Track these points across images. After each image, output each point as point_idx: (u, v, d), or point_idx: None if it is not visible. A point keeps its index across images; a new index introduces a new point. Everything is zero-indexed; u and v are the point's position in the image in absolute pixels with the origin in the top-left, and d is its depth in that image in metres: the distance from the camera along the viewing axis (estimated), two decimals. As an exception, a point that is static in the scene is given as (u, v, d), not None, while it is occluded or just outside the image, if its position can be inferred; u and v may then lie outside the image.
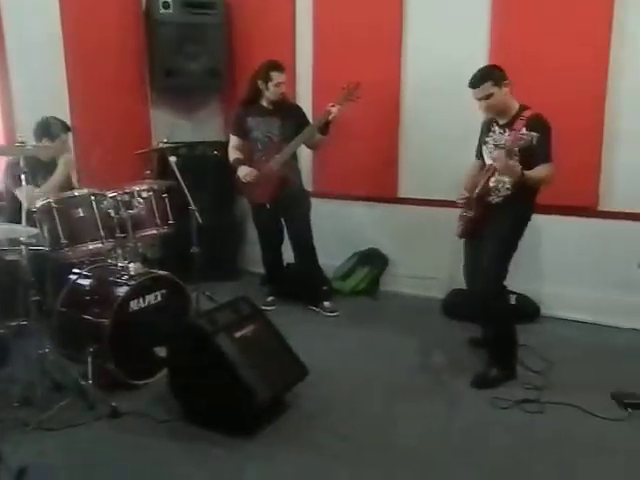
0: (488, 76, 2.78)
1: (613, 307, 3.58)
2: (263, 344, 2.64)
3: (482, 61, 3.62)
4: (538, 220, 2.93)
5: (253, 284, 4.37)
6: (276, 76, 3.60)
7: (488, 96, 2.77)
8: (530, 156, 2.65)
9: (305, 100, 4.32)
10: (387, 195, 4.26)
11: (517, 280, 3.18)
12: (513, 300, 3.72)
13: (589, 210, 3.60)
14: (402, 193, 4.23)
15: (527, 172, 2.63)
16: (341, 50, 4.19)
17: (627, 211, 3.48)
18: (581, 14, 3.44)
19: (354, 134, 4.19)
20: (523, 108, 2.79)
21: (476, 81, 2.79)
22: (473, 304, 3.20)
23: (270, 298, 4.06)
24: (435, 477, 2.20)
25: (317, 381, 2.76)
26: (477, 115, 3.01)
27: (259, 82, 3.65)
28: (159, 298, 2.95)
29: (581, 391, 2.76)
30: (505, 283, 2.94)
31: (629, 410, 2.59)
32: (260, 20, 4.49)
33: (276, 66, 3.62)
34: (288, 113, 3.74)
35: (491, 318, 2.97)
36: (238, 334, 2.56)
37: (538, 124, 2.67)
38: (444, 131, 3.90)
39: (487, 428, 2.51)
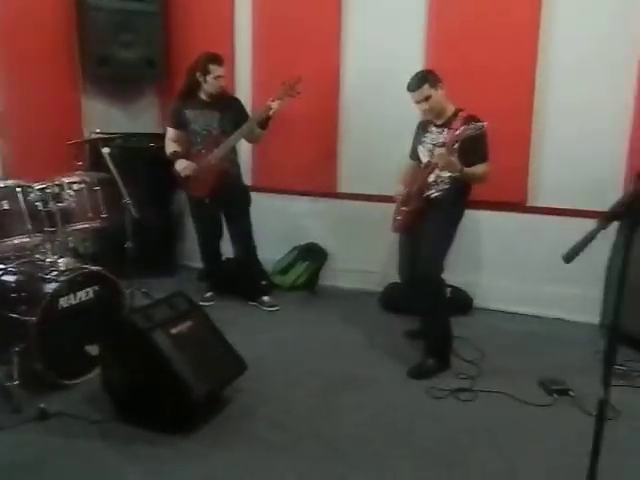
0: (425, 79, 2.90)
1: (541, 298, 3.76)
2: (200, 340, 2.59)
3: (419, 58, 3.75)
4: (472, 215, 3.05)
5: (191, 279, 4.29)
6: (215, 69, 3.54)
7: (427, 98, 2.89)
8: (468, 155, 2.78)
9: (244, 93, 4.27)
10: (327, 190, 4.28)
11: (452, 273, 3.28)
12: (448, 293, 3.81)
13: (519, 206, 3.77)
14: (342, 188, 4.27)
15: (466, 169, 2.78)
16: (281, 43, 4.18)
17: (553, 207, 3.67)
18: (511, 21, 3.59)
19: (294, 129, 4.19)
20: (459, 110, 2.91)
21: (414, 84, 2.91)
22: (410, 296, 3.28)
23: (208, 293, 4.00)
24: (372, 466, 2.23)
25: (256, 375, 2.75)
26: (414, 112, 3.08)
27: (197, 74, 3.58)
28: (91, 294, 2.84)
29: (511, 379, 2.89)
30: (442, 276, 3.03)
31: (555, 396, 2.73)
32: (199, 10, 4.39)
33: (215, 59, 3.55)
34: (227, 106, 3.69)
35: (430, 308, 3.04)
36: (174, 330, 2.50)
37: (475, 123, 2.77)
38: (383, 127, 3.96)
39: (423, 417, 2.57)
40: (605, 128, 3.49)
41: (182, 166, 3.63)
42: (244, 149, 4.23)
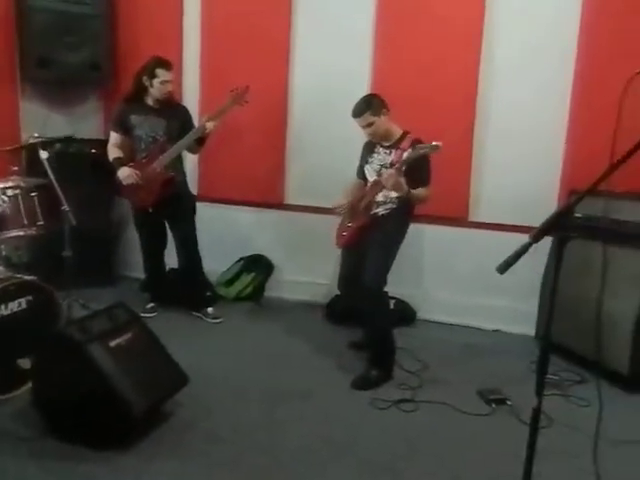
0: (367, 106, 2.97)
1: (481, 310, 3.87)
2: (140, 353, 2.52)
3: (366, 77, 3.81)
4: (416, 228, 3.11)
5: (132, 290, 4.17)
6: (162, 74, 3.48)
7: (369, 124, 2.97)
8: (413, 179, 2.85)
9: (191, 100, 4.23)
10: (274, 201, 4.28)
11: (396, 286, 3.33)
12: (392, 305, 3.89)
13: (461, 220, 3.89)
14: (289, 200, 4.27)
15: (412, 191, 2.86)
16: (230, 51, 4.16)
17: (492, 222, 3.80)
18: (454, 49, 3.73)
19: (243, 139, 4.18)
20: (405, 132, 3.01)
21: (357, 111, 2.99)
22: (353, 309, 3.31)
23: (150, 305, 3.90)
24: (315, 477, 2.22)
25: (198, 388, 2.69)
26: (359, 129, 3.14)
27: (144, 79, 3.51)
28: (24, 305, 2.70)
29: (452, 389, 2.95)
30: (385, 289, 3.06)
31: (493, 405, 2.81)
32: (147, 15, 4.32)
33: (163, 63, 3.49)
34: (174, 113, 3.63)
35: (373, 320, 3.07)
36: (113, 343, 2.42)
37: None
38: (330, 140, 4.02)
39: (366, 428, 2.58)
40: (541, 148, 3.67)
41: (125, 174, 3.54)
42: (190, 157, 4.17)
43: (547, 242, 3.10)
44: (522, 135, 3.69)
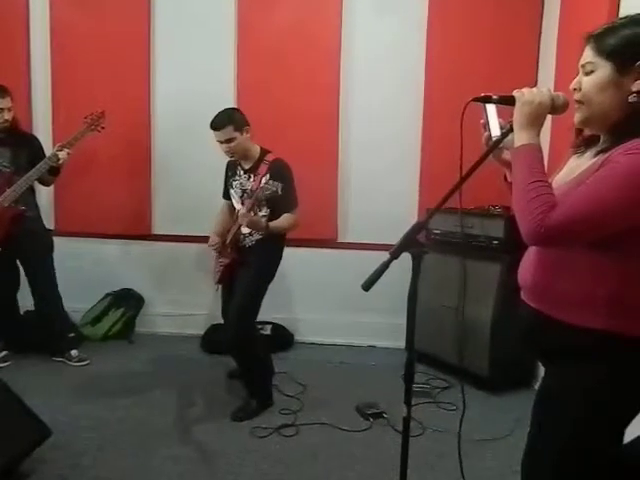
0: (229, 120, 2.81)
1: (354, 328, 4.00)
2: (-9, 408, 2.26)
3: (230, 99, 3.82)
4: (287, 253, 3.13)
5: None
6: None
7: (229, 140, 2.83)
8: (276, 204, 2.82)
9: (43, 129, 3.98)
10: (141, 232, 4.11)
11: (272, 310, 3.34)
12: (269, 330, 3.90)
13: (330, 242, 4.01)
14: (156, 229, 4.13)
15: (272, 224, 2.81)
16: (85, 76, 3.97)
17: (359, 242, 3.96)
18: (315, 69, 3.87)
19: (103, 167, 4.01)
20: (265, 152, 2.94)
21: (218, 123, 2.81)
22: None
23: (3, 353, 3.52)
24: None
25: (63, 442, 2.48)
26: (223, 154, 3.12)
27: None
28: None
29: (331, 408, 3.00)
30: (260, 315, 3.02)
31: (371, 420, 2.89)
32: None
33: None
34: (21, 143, 3.38)
35: (243, 354, 2.99)
36: (-43, 400, 2.15)
37: (281, 169, 2.87)
38: (194, 166, 3.96)
39: (247, 458, 2.52)
40: (398, 169, 3.91)
41: (-34, 212, 3.20)
42: (45, 189, 3.89)
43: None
44: (380, 160, 3.89)
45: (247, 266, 2.94)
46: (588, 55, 1.29)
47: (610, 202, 1.18)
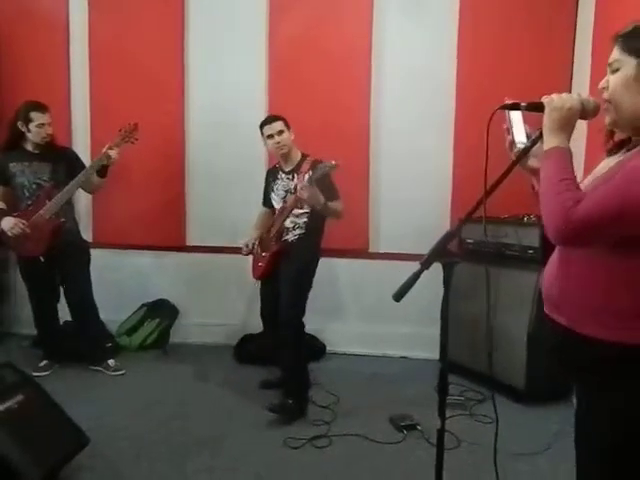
0: (280, 117, 3.12)
1: (387, 339, 3.97)
2: (33, 416, 2.32)
3: (262, 111, 3.85)
4: (321, 263, 3.15)
5: (21, 348, 3.88)
6: (37, 117, 3.35)
7: (280, 132, 3.05)
8: (322, 192, 2.93)
9: (82, 142, 4.11)
10: (175, 244, 4.18)
11: (305, 321, 3.33)
12: (303, 340, 3.90)
13: (362, 252, 4.00)
14: (190, 241, 4.19)
15: (328, 203, 2.94)
16: (121, 91, 4.08)
17: (391, 252, 3.93)
18: (347, 80, 3.89)
19: (138, 180, 4.09)
20: (305, 155, 3.13)
21: (270, 119, 3.12)
22: (267, 347, 3.29)
23: (44, 362, 3.62)
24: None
25: (101, 448, 2.53)
26: (256, 165, 3.18)
27: (19, 124, 3.37)
28: None
29: (364, 419, 2.98)
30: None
31: (404, 432, 2.86)
32: (29, 58, 4.13)
33: (37, 106, 3.37)
34: (60, 157, 3.49)
35: (291, 352, 3.07)
36: (1, 407, 2.22)
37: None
38: (227, 178, 4.01)
39: (281, 468, 2.53)
40: (430, 179, 3.88)
41: (10, 224, 3.32)
42: (83, 202, 4.00)
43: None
44: (412, 161, 3.88)
45: (290, 261, 3.04)
46: (615, 54, 1.28)
47: (636, 196, 1.14)
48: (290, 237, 3.10)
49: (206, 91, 4.07)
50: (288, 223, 3.08)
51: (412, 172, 3.89)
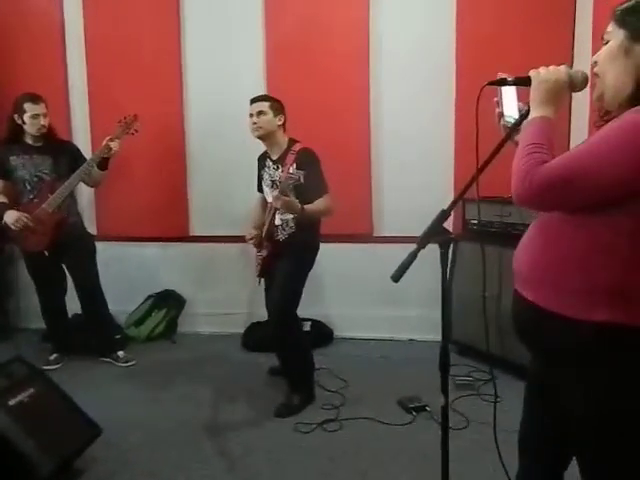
0: (268, 98, 3.01)
1: (394, 322, 3.97)
2: (45, 409, 2.34)
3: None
4: (324, 248, 3.14)
5: (31, 342, 3.90)
6: (30, 108, 3.33)
7: (260, 113, 2.93)
8: (305, 191, 2.83)
9: (82, 135, 4.10)
10: (178, 234, 4.18)
11: (311, 307, 3.35)
12: (308, 327, 3.91)
13: (366, 236, 3.99)
14: (193, 231, 4.19)
15: (307, 206, 2.81)
16: (120, 82, 4.05)
17: (394, 235, 3.89)
18: (344, 60, 3.84)
19: (139, 171, 4.08)
20: (293, 142, 2.98)
21: (256, 98, 3.00)
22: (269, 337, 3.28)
23: (54, 355, 3.64)
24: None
25: (113, 439, 2.55)
26: (257, 153, 3.15)
27: (15, 117, 3.36)
28: None
29: (373, 403, 3.00)
30: (299, 312, 3.05)
31: (414, 413, 2.87)
32: (26, 52, 4.10)
33: (30, 97, 3.35)
34: (60, 150, 3.49)
35: (284, 348, 3.04)
36: (13, 401, 2.25)
37: (307, 157, 2.89)
38: (228, 167, 3.99)
39: (292, 453, 2.55)
40: (432, 161, 3.85)
41: (13, 218, 3.32)
42: (85, 195, 4.00)
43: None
44: (413, 142, 3.83)
45: (283, 259, 2.97)
46: (609, 27, 1.25)
47: (607, 157, 1.10)
48: (281, 236, 2.98)
49: (204, 79, 4.04)
50: (278, 221, 2.97)
51: (414, 154, 3.85)
